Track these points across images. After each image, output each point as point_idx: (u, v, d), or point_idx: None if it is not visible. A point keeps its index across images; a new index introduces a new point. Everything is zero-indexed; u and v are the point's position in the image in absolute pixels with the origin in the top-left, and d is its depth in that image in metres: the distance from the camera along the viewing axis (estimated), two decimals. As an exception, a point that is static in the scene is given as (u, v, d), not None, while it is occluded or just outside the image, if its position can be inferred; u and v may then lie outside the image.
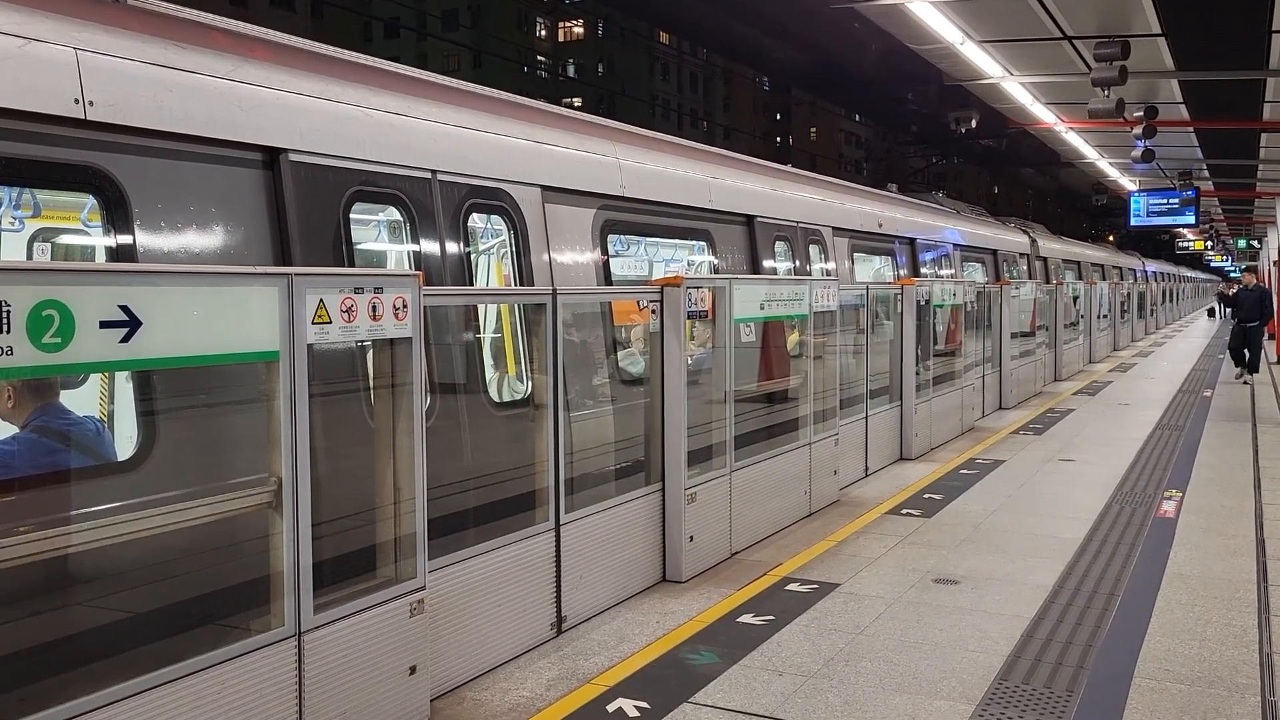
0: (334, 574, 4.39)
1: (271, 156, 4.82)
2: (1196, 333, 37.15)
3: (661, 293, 6.71)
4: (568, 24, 79.59)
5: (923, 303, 11.60)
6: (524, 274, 6.44)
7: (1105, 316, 26.02)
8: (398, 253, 5.83)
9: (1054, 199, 49.66)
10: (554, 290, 5.77)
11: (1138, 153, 20.26)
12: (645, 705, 4.81)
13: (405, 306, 4.42)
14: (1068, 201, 48.04)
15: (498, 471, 5.77)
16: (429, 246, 5.69)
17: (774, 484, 7.98)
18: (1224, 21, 13.32)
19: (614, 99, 60.87)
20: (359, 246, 5.50)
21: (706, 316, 7.14)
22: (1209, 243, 56.04)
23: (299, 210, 4.87)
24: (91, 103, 4.06)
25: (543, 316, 5.70)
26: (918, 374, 11.49)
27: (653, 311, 6.73)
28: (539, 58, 74.24)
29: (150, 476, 4.10)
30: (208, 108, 4.54)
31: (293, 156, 4.88)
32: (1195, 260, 72.21)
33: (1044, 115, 20.76)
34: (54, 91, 3.92)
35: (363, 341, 4.39)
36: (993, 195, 77.52)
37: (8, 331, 2.98)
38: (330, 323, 4.06)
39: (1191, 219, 28.07)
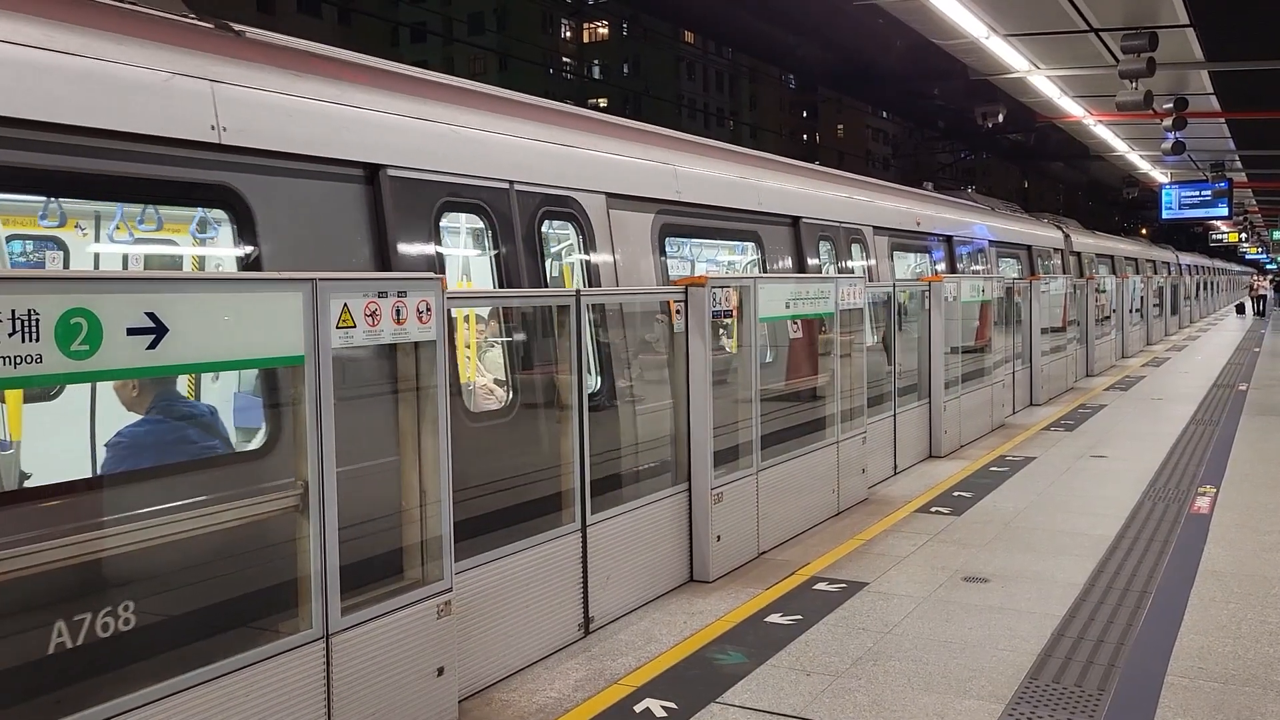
0: (362, 576, 4.42)
1: (372, 172, 5.22)
2: (1231, 326, 36.67)
3: (686, 292, 6.71)
4: (592, 25, 79.69)
5: (950, 299, 11.53)
6: (591, 275, 6.82)
7: (1138, 311, 25.76)
8: (480, 257, 6.27)
9: (1085, 193, 49.19)
10: (577, 292, 5.79)
11: (1168, 145, 20.06)
12: (673, 706, 4.81)
13: (429, 310, 4.44)
14: (1099, 195, 47.58)
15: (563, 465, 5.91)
16: (508, 251, 6.08)
17: (801, 483, 7.96)
18: (1253, 10, 13.16)
19: (639, 99, 60.87)
20: (447, 252, 5.95)
21: (732, 316, 7.14)
22: (1243, 235, 55.32)
23: (396, 220, 5.28)
24: (225, 129, 4.49)
25: (598, 317, 6.00)
26: (946, 370, 11.42)
27: (678, 312, 6.73)
28: (564, 59, 74.41)
29: (274, 464, 4.42)
30: (319, 130, 4.96)
31: (390, 172, 5.28)
32: (1230, 253, 71.29)
33: (1072, 108, 20.60)
34: (195, 120, 4.36)
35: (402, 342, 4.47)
36: (1023, 190, 76.90)
37: (37, 340, 3.02)
38: (354, 327, 4.09)
39: (1224, 211, 27.76)
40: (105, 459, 4.46)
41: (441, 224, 5.70)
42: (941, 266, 14.61)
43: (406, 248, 5.32)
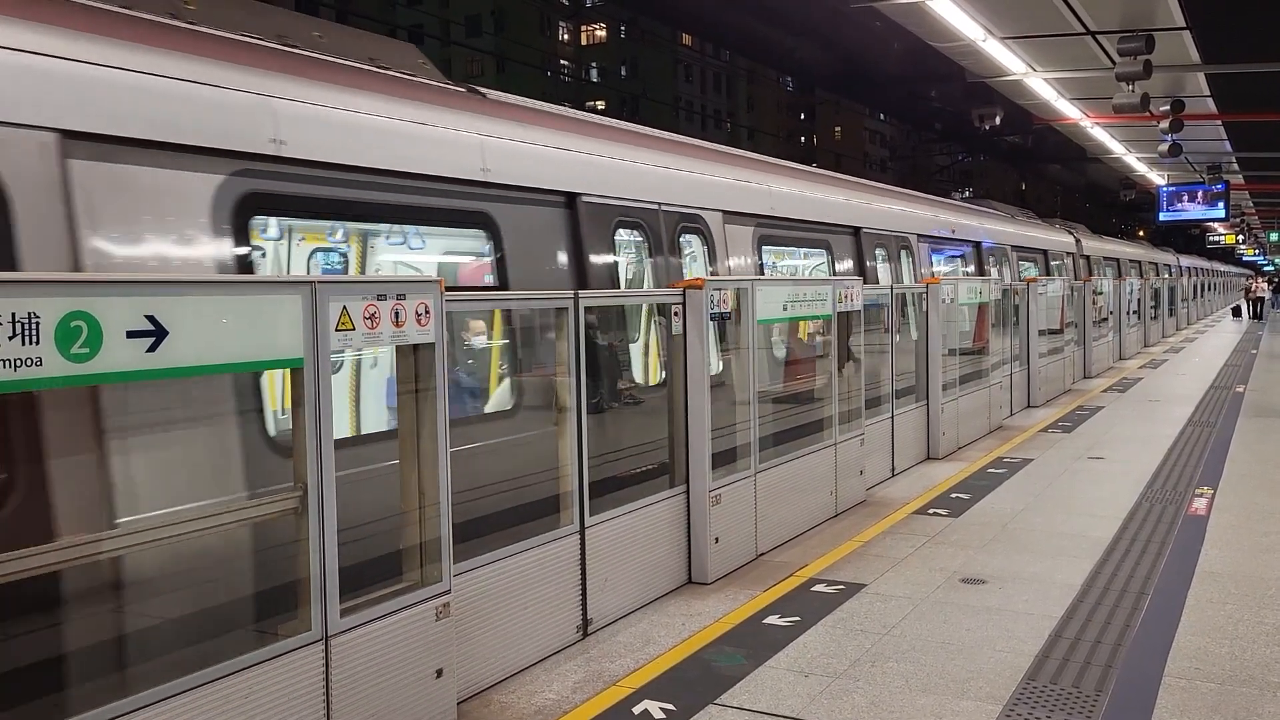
0: (361, 578, 4.43)
1: (571, 199, 6.83)
2: (1228, 329, 36.71)
3: (684, 295, 6.72)
4: (590, 27, 79.72)
5: (948, 301, 11.54)
6: (712, 273, 8.51)
7: (1135, 313, 25.83)
8: (639, 263, 7.91)
9: (1082, 195, 49.15)
10: (575, 294, 5.80)
11: (1165, 147, 20.07)
12: (671, 707, 4.82)
13: (428, 312, 4.45)
14: (1096, 197, 47.55)
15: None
16: (658, 258, 7.78)
17: (799, 485, 7.97)
18: (1250, 13, 13.18)
19: (637, 101, 60.88)
20: (620, 258, 7.49)
21: (730, 318, 7.16)
22: (1240, 236, 55.39)
23: (587, 234, 6.92)
24: (486, 169, 6.04)
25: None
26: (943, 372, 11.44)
27: (675, 314, 6.74)
28: (562, 62, 74.42)
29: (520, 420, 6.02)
30: (539, 168, 6.60)
31: (584, 198, 6.93)
32: (1227, 254, 71.37)
33: (1069, 111, 20.64)
34: (464, 164, 5.92)
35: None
36: (1020, 192, 76.92)
37: (37, 342, 3.03)
38: (354, 330, 4.10)
39: (1221, 213, 27.79)
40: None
41: (615, 237, 7.31)
42: (973, 269, 16.27)
43: (594, 255, 6.94)
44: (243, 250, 4.62)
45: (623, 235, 7.50)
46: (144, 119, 4.22)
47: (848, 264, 11.24)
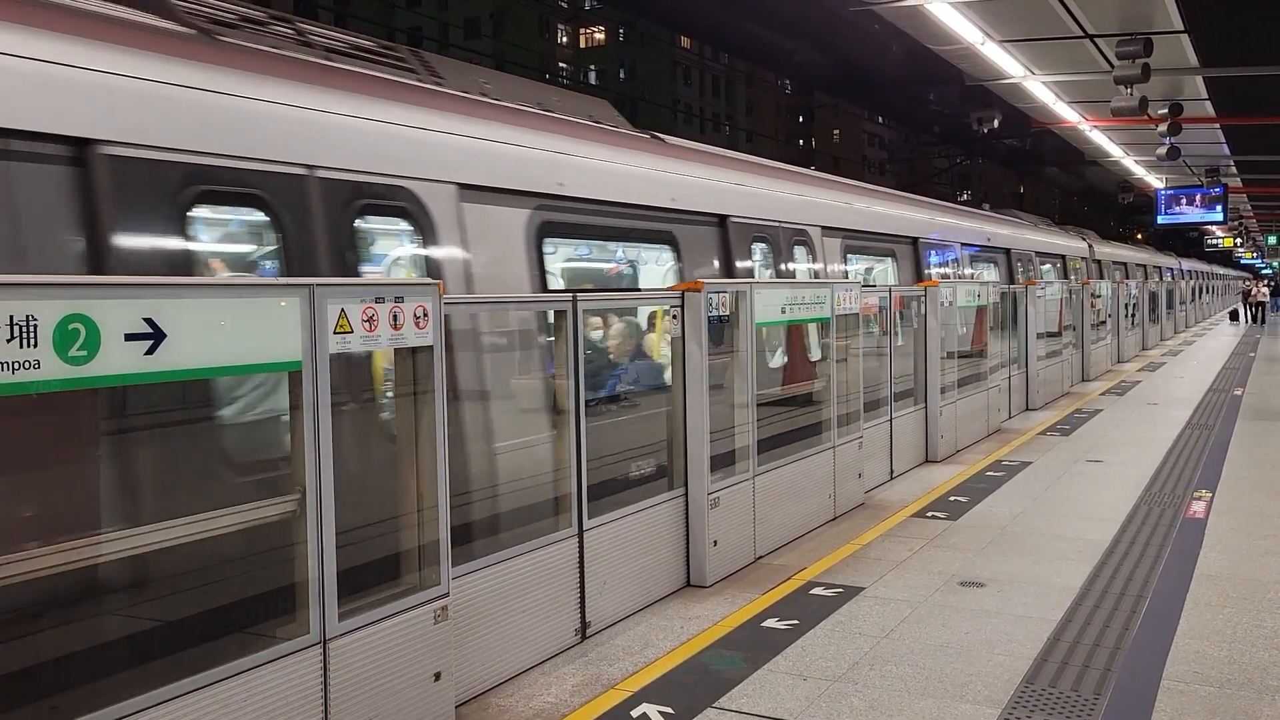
0: (360, 581, 4.42)
1: (722, 219, 8.58)
2: (1226, 332, 36.75)
3: (682, 298, 6.72)
4: (589, 30, 79.76)
5: (946, 304, 11.55)
6: (815, 277, 10.38)
7: (1132, 317, 25.88)
8: (768, 267, 9.45)
9: (1080, 198, 49.20)
10: (574, 295, 5.79)
11: (1163, 150, 20.07)
12: (670, 711, 4.82)
13: (426, 315, 4.45)
14: (1094, 200, 47.58)
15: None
16: (780, 264, 9.58)
17: (798, 488, 7.97)
18: (1248, 16, 13.19)
19: (635, 104, 60.91)
20: (755, 265, 9.12)
21: (728, 320, 7.16)
22: (1238, 239, 55.44)
23: (734, 248, 8.69)
24: (674, 200, 7.89)
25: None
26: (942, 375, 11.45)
27: (674, 317, 6.74)
28: (561, 64, 74.44)
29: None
30: (703, 197, 8.39)
31: (732, 219, 8.70)
32: (1225, 258, 71.43)
33: (1067, 114, 20.66)
34: (660, 196, 7.75)
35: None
36: (1019, 195, 76.95)
37: (34, 345, 3.02)
38: (352, 332, 4.09)
39: (1220, 216, 27.81)
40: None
41: (751, 248, 9.03)
42: (1003, 273, 17.64)
43: (738, 261, 8.70)
44: (539, 260, 6.33)
45: (756, 246, 9.23)
46: (494, 173, 6.04)
47: (909, 269, 13.19)
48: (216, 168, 4.41)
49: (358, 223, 5.17)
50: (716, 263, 8.49)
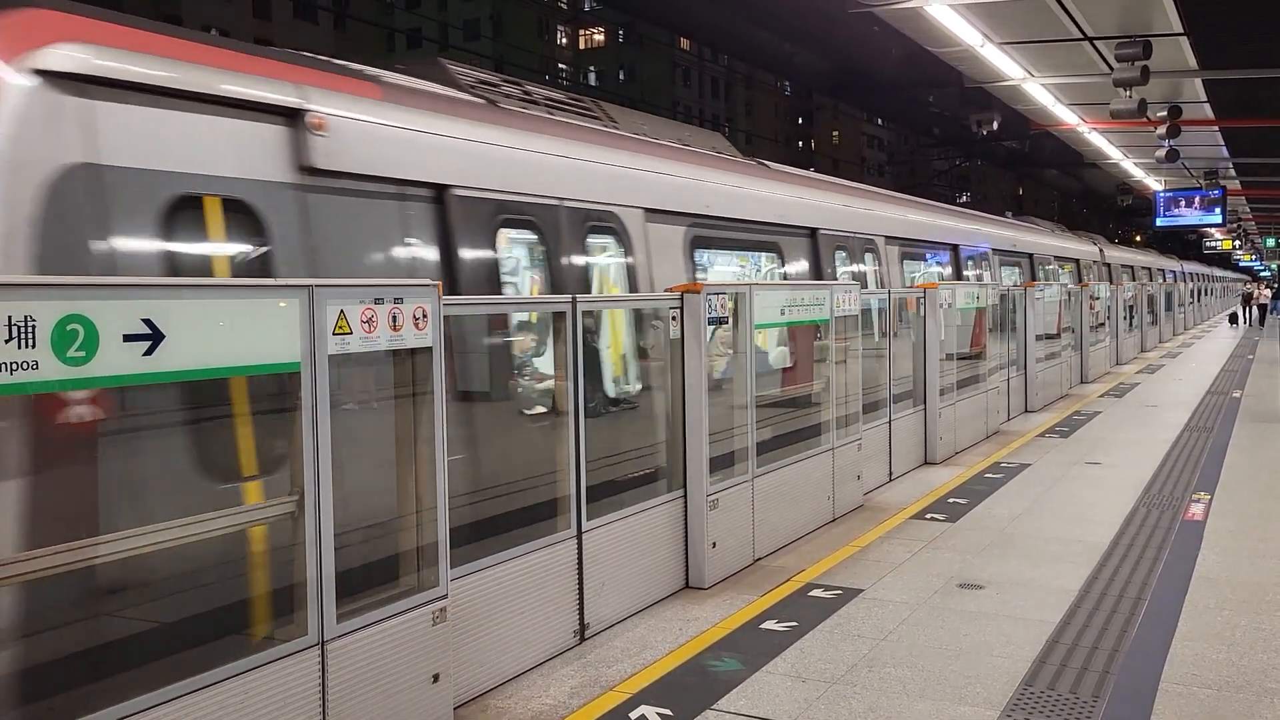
0: (358, 583, 4.42)
1: (813, 231, 10.36)
2: (1225, 334, 36.76)
3: (682, 299, 6.72)
4: (588, 31, 79.78)
5: (945, 306, 11.54)
6: (880, 280, 12.08)
7: (1130, 319, 25.94)
8: (846, 271, 11.15)
9: (1079, 200, 49.22)
10: (573, 298, 5.79)
11: (1162, 153, 20.08)
12: (668, 713, 4.81)
13: (425, 316, 4.44)
14: (1093, 202, 47.60)
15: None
16: (855, 267, 11.33)
17: (797, 490, 7.97)
18: (1248, 19, 13.19)
19: (635, 106, 60.88)
20: (837, 268, 10.86)
21: (727, 322, 7.16)
22: (1237, 242, 55.46)
23: (824, 255, 10.43)
24: (780, 217, 9.68)
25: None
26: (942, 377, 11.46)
27: (673, 318, 6.74)
28: (560, 66, 74.44)
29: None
30: (798, 213, 10.16)
31: (822, 231, 10.49)
32: (1224, 260, 71.46)
33: (1066, 116, 20.67)
34: (769, 214, 9.50)
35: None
36: (1017, 197, 76.97)
37: (33, 346, 3.02)
38: (351, 333, 4.09)
39: (1218, 218, 27.82)
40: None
41: (835, 256, 10.79)
42: (1027, 276, 19.20)
43: (825, 267, 10.39)
44: (693, 265, 8.13)
45: (838, 253, 10.96)
46: (665, 198, 7.84)
47: (950, 272, 15.20)
48: (511, 202, 6.21)
49: (588, 239, 6.98)
50: (808, 266, 10.21)
